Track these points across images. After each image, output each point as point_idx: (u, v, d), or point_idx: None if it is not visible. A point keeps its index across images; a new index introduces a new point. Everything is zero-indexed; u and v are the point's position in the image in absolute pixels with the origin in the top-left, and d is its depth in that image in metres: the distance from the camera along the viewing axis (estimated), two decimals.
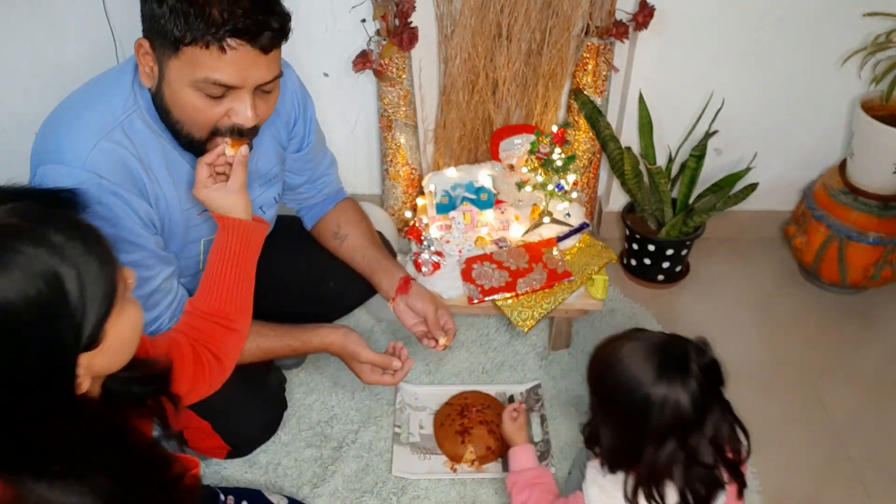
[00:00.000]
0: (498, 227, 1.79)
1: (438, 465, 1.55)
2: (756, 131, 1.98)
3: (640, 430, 1.08)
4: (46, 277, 0.68)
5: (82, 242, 0.72)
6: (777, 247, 2.17)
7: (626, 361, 1.09)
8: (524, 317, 1.63)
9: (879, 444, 1.63)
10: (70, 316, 0.70)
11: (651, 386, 1.05)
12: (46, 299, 0.68)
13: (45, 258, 0.68)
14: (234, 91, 1.07)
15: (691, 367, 1.06)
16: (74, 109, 1.14)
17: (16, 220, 0.69)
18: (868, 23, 1.79)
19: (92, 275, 0.72)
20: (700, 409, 1.06)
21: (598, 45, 1.83)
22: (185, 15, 1.00)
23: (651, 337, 1.13)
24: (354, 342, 1.41)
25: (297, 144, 1.42)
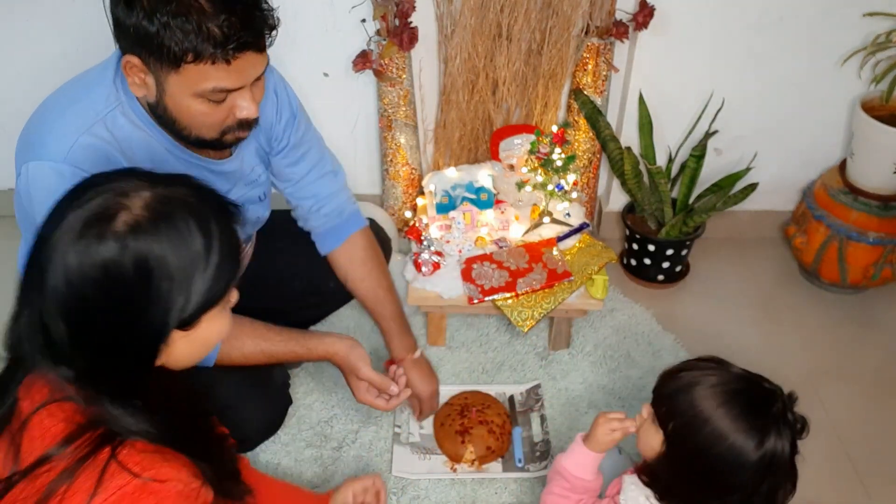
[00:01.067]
0: (498, 227, 1.79)
1: (438, 465, 1.55)
2: (756, 131, 1.98)
3: (721, 487, 1.04)
4: (193, 254, 0.80)
5: (228, 243, 0.85)
6: (777, 247, 2.17)
7: (714, 411, 1.02)
8: (524, 317, 1.63)
9: (879, 444, 1.63)
10: (189, 290, 0.81)
11: (751, 452, 1.00)
12: (182, 269, 0.80)
13: (200, 239, 0.81)
14: (236, 90, 1.09)
15: (787, 419, 1.02)
16: (56, 107, 1.14)
17: (196, 203, 0.83)
18: (868, 23, 1.79)
19: (221, 269, 0.83)
20: (788, 465, 1.02)
21: (598, 45, 1.83)
22: (183, 32, 0.99)
23: (735, 378, 1.07)
24: (358, 356, 1.41)
25: (283, 142, 1.40)
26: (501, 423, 1.58)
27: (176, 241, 0.79)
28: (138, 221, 0.78)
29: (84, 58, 1.87)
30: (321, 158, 1.46)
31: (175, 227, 0.79)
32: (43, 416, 0.82)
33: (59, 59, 1.91)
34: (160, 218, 0.79)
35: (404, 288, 1.74)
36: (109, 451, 0.80)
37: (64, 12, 1.83)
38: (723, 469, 1.03)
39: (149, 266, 0.78)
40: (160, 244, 0.78)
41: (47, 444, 0.81)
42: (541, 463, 1.54)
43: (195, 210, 0.82)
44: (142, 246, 0.78)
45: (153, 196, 0.80)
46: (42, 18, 1.85)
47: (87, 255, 0.77)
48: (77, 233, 0.77)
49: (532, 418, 1.64)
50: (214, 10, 0.99)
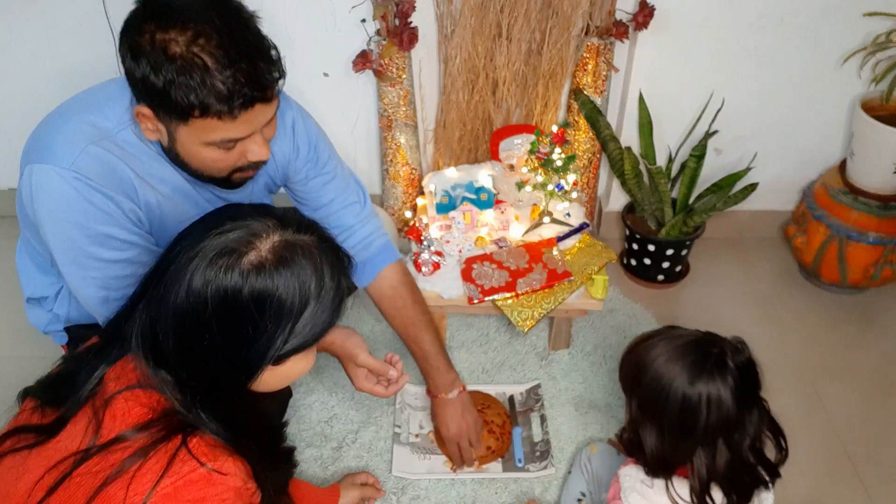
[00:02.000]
0: (498, 227, 1.79)
1: (438, 465, 1.55)
2: (756, 131, 1.98)
3: (690, 432, 1.06)
4: (303, 298, 0.88)
5: (335, 292, 0.92)
6: (777, 247, 2.17)
7: (664, 362, 1.07)
8: (524, 317, 1.63)
9: (879, 444, 1.63)
10: (290, 331, 0.89)
11: (694, 386, 1.04)
12: (290, 310, 0.88)
13: (312, 286, 0.89)
14: (246, 137, 1.10)
15: (728, 364, 1.05)
16: (70, 114, 1.14)
17: (316, 252, 0.91)
18: (868, 23, 1.79)
19: (322, 317, 0.91)
20: (741, 407, 1.05)
21: (598, 45, 1.83)
22: (187, 89, 0.99)
23: (685, 335, 1.11)
24: (355, 343, 1.40)
25: (301, 175, 1.38)
26: (501, 423, 1.58)
27: (292, 285, 0.87)
28: (263, 263, 0.86)
29: (84, 58, 1.88)
30: (345, 188, 1.43)
31: (294, 272, 0.87)
32: (127, 397, 0.89)
33: (59, 61, 1.91)
34: (283, 263, 0.87)
35: None
36: (181, 438, 0.87)
37: (64, 13, 1.83)
38: (669, 413, 1.06)
39: (263, 302, 0.86)
40: (277, 286, 0.86)
41: (127, 424, 0.87)
42: (541, 463, 1.54)
43: (315, 259, 0.89)
44: (261, 284, 0.86)
45: (281, 241, 0.89)
46: (42, 19, 1.85)
47: (213, 281, 0.85)
48: (209, 260, 0.86)
49: (532, 418, 1.64)
50: (219, 66, 0.99)
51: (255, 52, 1.02)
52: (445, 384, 1.49)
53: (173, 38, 0.98)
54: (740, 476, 1.08)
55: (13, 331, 1.84)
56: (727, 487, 1.08)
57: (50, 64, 1.92)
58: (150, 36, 0.98)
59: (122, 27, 1.02)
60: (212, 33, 0.99)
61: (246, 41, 1.02)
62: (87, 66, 1.89)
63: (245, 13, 1.04)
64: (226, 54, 0.99)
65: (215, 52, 0.98)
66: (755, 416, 1.07)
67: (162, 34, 0.98)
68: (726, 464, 1.07)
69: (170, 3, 1.00)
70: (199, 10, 1.00)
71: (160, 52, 0.98)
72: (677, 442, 1.07)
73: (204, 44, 0.98)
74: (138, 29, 0.99)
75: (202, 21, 0.99)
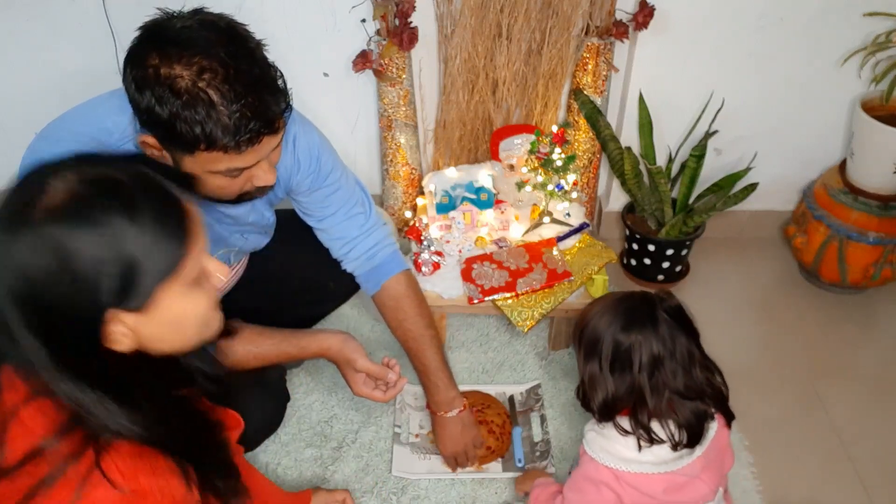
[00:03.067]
0: (498, 227, 1.79)
1: (438, 465, 1.55)
2: (756, 131, 1.98)
3: (627, 375, 1.16)
4: (112, 234, 0.76)
5: (163, 216, 0.80)
6: (777, 247, 2.17)
7: (600, 316, 1.19)
8: (524, 317, 1.63)
9: (879, 444, 1.63)
10: (118, 272, 0.77)
11: (625, 333, 1.15)
12: (102, 251, 0.76)
13: (121, 218, 0.77)
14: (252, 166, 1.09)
15: (658, 311, 1.17)
16: (74, 125, 1.13)
17: (124, 179, 0.79)
18: (868, 23, 1.79)
19: (155, 245, 0.79)
20: (672, 344, 1.15)
21: (598, 45, 1.83)
22: (193, 123, 0.97)
23: (618, 293, 1.25)
24: (352, 349, 1.40)
25: (304, 187, 1.38)
26: (501, 423, 1.58)
27: (91, 222, 0.76)
28: (54, 207, 0.76)
29: (84, 58, 1.88)
30: (348, 199, 1.43)
31: (91, 208, 0.76)
32: (26, 411, 0.80)
33: (59, 61, 1.91)
34: (77, 200, 0.76)
35: None
36: (93, 454, 0.78)
37: (64, 13, 1.83)
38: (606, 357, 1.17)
39: (64, 251, 0.75)
40: (74, 228, 0.76)
41: (30, 442, 0.79)
42: (541, 463, 1.54)
43: (120, 187, 0.78)
44: (54, 232, 0.75)
45: (77, 178, 0.78)
46: (42, 19, 1.85)
47: (9, 246, 0.76)
48: (3, 224, 0.77)
49: (532, 418, 1.64)
50: (224, 101, 0.97)
51: (261, 85, 1.01)
52: (445, 402, 1.49)
53: (178, 74, 0.96)
54: (683, 407, 1.16)
55: None
56: (676, 420, 1.16)
57: (50, 64, 1.92)
58: (155, 70, 0.96)
59: (126, 56, 1.00)
60: (217, 67, 0.97)
61: (252, 74, 1.00)
62: (87, 67, 1.89)
63: (251, 42, 1.02)
64: (231, 89, 0.97)
65: (221, 86, 0.97)
66: (683, 350, 1.17)
67: (167, 68, 0.96)
68: (667, 397, 1.15)
69: (175, 36, 0.98)
70: (204, 42, 0.98)
71: (165, 86, 0.96)
72: (617, 381, 1.17)
73: (210, 79, 0.96)
74: (143, 62, 0.97)
75: (207, 54, 0.97)
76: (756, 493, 1.51)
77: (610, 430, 1.19)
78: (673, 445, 1.15)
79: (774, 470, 1.56)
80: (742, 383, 1.74)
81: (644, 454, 1.16)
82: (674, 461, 1.16)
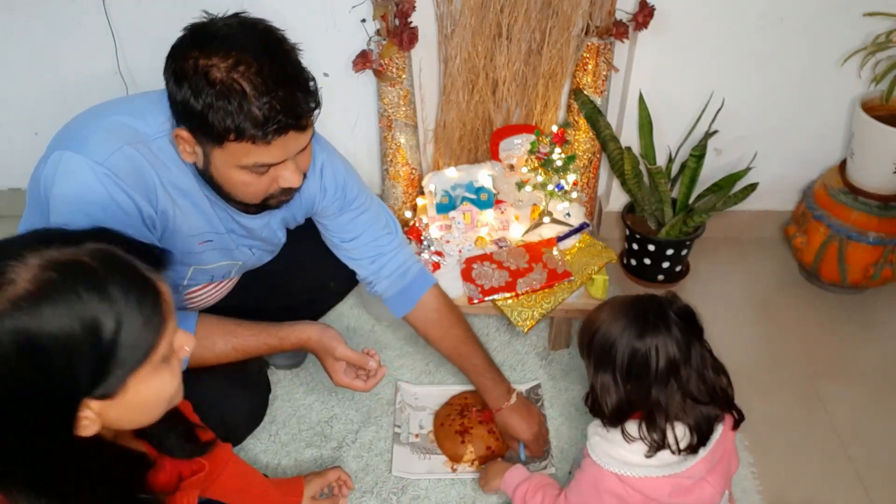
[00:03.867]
0: (498, 227, 1.79)
1: (438, 465, 1.55)
2: (756, 131, 1.98)
3: (643, 381, 1.14)
4: (85, 323, 0.73)
5: (138, 301, 0.77)
6: (777, 247, 2.17)
7: (610, 322, 1.17)
8: (524, 317, 1.63)
9: (879, 444, 1.63)
10: (92, 361, 0.75)
11: (640, 339, 1.13)
12: (75, 342, 0.73)
13: (93, 305, 0.73)
14: (279, 163, 1.12)
15: (669, 314, 1.15)
16: (110, 113, 1.16)
17: (92, 263, 0.75)
18: (868, 23, 1.79)
19: (130, 332, 0.76)
20: (686, 348, 1.14)
21: (598, 44, 1.83)
22: (225, 113, 1.02)
23: (626, 298, 1.21)
24: (331, 336, 1.39)
25: (329, 211, 1.41)
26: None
27: (62, 312, 0.72)
28: (19, 296, 0.71)
29: (84, 58, 1.88)
30: (375, 221, 1.46)
31: (59, 297, 0.72)
32: None
33: (59, 61, 1.91)
34: (43, 289, 0.72)
35: None
36: None
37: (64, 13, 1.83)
38: (621, 364, 1.15)
39: (31, 344, 0.71)
40: (41, 319, 0.71)
41: None
42: (541, 463, 1.54)
43: (88, 272, 0.74)
44: (19, 324, 0.71)
45: (42, 263, 0.73)
46: (42, 19, 1.85)
47: None
48: None
49: None
50: (256, 92, 1.02)
51: (292, 81, 1.06)
52: (503, 394, 1.51)
53: (215, 64, 1.01)
54: (695, 410, 1.15)
55: None
56: (687, 422, 1.16)
57: (50, 64, 1.92)
58: (194, 62, 1.02)
59: (169, 52, 1.06)
60: (252, 61, 1.02)
61: (285, 71, 1.05)
62: (87, 67, 1.89)
63: (287, 45, 1.09)
64: (264, 82, 1.02)
65: (254, 79, 1.02)
66: (700, 356, 1.16)
67: (205, 60, 1.02)
68: (680, 401, 1.15)
69: (216, 32, 1.04)
70: (243, 40, 1.04)
71: (202, 76, 1.02)
72: (632, 388, 1.16)
73: (244, 70, 1.02)
74: (184, 55, 1.03)
75: (245, 49, 1.03)
76: (756, 493, 1.51)
77: (615, 435, 1.19)
78: (681, 449, 1.15)
79: (774, 470, 1.56)
80: (742, 383, 1.73)
81: (649, 458, 1.16)
82: (678, 463, 1.16)
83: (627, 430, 1.17)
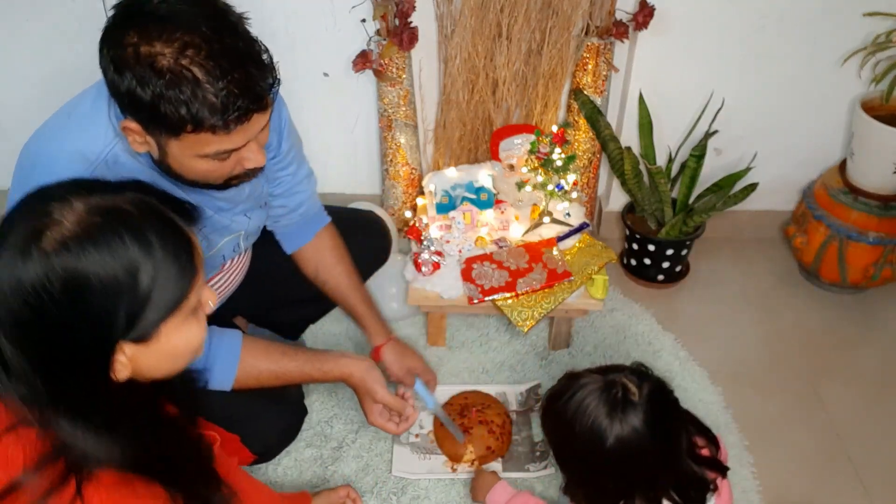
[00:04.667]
0: (498, 227, 1.79)
1: (438, 465, 1.55)
2: (756, 131, 1.98)
3: (628, 475, 1.08)
4: (127, 267, 0.77)
5: (173, 249, 0.80)
6: (777, 247, 2.17)
7: (574, 412, 1.07)
8: (524, 317, 1.63)
9: (879, 444, 1.63)
10: (130, 304, 0.78)
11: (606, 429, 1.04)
12: (117, 284, 0.76)
13: (134, 250, 0.77)
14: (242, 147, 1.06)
15: (638, 401, 1.05)
16: (53, 152, 1.09)
17: (133, 210, 0.79)
18: (868, 23, 1.79)
19: (166, 279, 0.79)
20: (665, 432, 1.06)
21: (598, 44, 1.83)
22: (178, 103, 0.93)
23: (589, 384, 1.09)
24: (374, 379, 1.40)
25: (272, 153, 1.34)
26: (501, 423, 1.58)
27: (106, 255, 0.75)
28: (65, 237, 0.75)
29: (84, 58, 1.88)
30: (302, 160, 1.43)
31: (105, 240, 0.76)
32: (8, 440, 0.79)
33: (59, 61, 1.91)
34: (89, 231, 0.75)
35: (404, 288, 1.74)
36: (74, 487, 0.76)
37: (64, 13, 1.83)
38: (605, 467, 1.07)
39: (77, 284, 0.75)
40: (88, 260, 0.75)
41: (9, 474, 0.77)
42: (540, 463, 1.54)
43: (131, 219, 0.78)
44: (68, 263, 0.74)
45: (86, 208, 0.77)
46: (42, 19, 1.85)
47: (17, 274, 0.74)
48: (9, 252, 0.75)
49: (532, 418, 1.64)
50: (210, 78, 0.92)
51: (247, 59, 0.96)
52: (387, 329, 1.56)
53: (159, 52, 0.91)
54: (688, 485, 1.10)
55: None
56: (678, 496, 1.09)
57: (50, 64, 1.92)
58: (134, 49, 0.92)
59: (102, 36, 0.95)
60: (200, 43, 0.92)
61: (236, 48, 0.95)
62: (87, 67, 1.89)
63: (233, 16, 0.98)
64: (216, 65, 0.92)
65: (205, 63, 0.92)
66: (680, 435, 1.09)
67: (147, 46, 0.91)
68: (660, 489, 1.08)
69: (152, 11, 0.93)
70: (184, 17, 0.93)
71: (146, 65, 0.91)
72: (604, 479, 1.09)
73: (193, 55, 0.92)
74: (120, 41, 0.93)
75: (189, 29, 0.92)
76: (756, 493, 1.51)
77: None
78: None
79: (774, 470, 1.56)
80: (742, 383, 1.75)
81: None
82: None
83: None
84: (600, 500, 1.13)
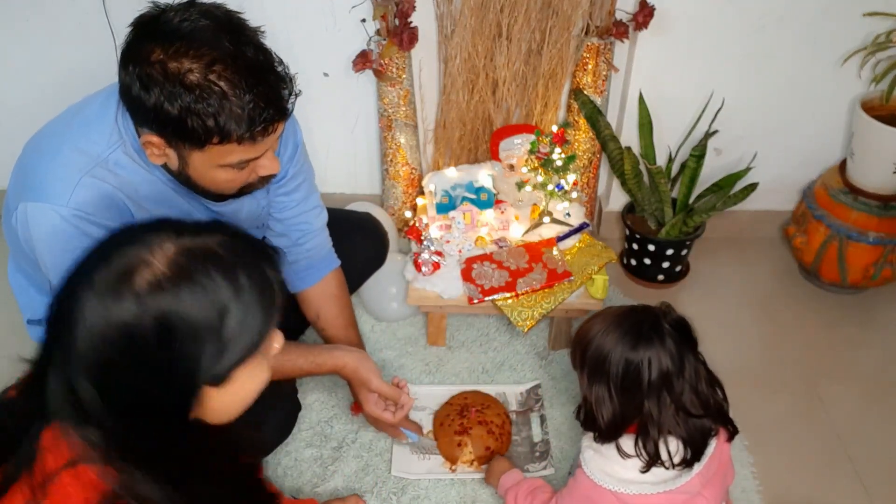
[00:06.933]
0: (498, 227, 1.79)
1: (438, 465, 1.55)
2: (756, 131, 1.98)
3: (636, 394, 1.13)
4: (218, 308, 0.76)
5: (259, 293, 0.80)
6: (777, 247, 2.17)
7: (604, 334, 1.16)
8: (524, 317, 1.63)
9: (879, 444, 1.63)
10: (216, 346, 0.77)
11: (634, 351, 1.13)
12: (207, 325, 0.76)
13: (225, 292, 0.77)
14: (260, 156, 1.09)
15: (663, 325, 1.14)
16: (55, 146, 1.11)
17: (223, 253, 0.79)
18: (868, 23, 1.79)
19: (251, 322, 0.79)
20: (680, 360, 1.13)
21: (598, 44, 1.83)
22: (205, 116, 0.97)
23: (620, 309, 1.21)
24: (368, 368, 1.40)
25: (282, 174, 1.35)
26: (501, 423, 1.58)
27: (199, 297, 0.75)
28: (158, 279, 0.74)
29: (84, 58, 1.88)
30: (312, 192, 1.44)
31: (197, 282, 0.75)
32: (66, 477, 0.77)
33: (59, 61, 1.92)
34: (182, 273, 0.75)
35: (404, 288, 1.74)
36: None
37: (64, 13, 1.83)
38: (615, 376, 1.14)
39: (170, 325, 0.74)
40: (181, 302, 0.74)
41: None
42: (540, 463, 1.54)
43: (221, 261, 0.78)
44: (161, 304, 0.74)
45: (177, 249, 0.76)
46: (42, 19, 1.85)
47: (107, 316, 0.74)
48: (98, 293, 0.74)
49: (532, 418, 1.64)
50: (237, 91, 0.97)
51: (268, 71, 1.01)
52: None
53: (188, 68, 0.95)
54: (690, 425, 1.14)
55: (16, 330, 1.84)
56: (680, 436, 1.14)
57: (50, 65, 1.92)
58: (161, 66, 0.95)
59: (124, 53, 0.98)
60: (225, 58, 0.96)
61: (258, 62, 1.00)
62: (87, 67, 1.89)
63: (250, 30, 1.02)
64: (242, 79, 0.97)
65: (232, 77, 0.96)
66: (694, 368, 1.15)
67: (175, 63, 0.95)
68: (673, 414, 1.14)
69: (175, 28, 0.96)
70: (207, 34, 0.97)
71: (175, 82, 0.95)
72: (626, 400, 1.14)
73: (220, 70, 0.96)
74: (146, 58, 0.96)
75: (213, 46, 0.96)
76: (756, 493, 1.51)
77: (610, 450, 1.17)
78: (675, 464, 1.14)
79: (774, 470, 1.56)
80: (742, 383, 1.74)
81: (644, 474, 1.15)
82: (673, 479, 1.15)
83: (623, 446, 1.16)
84: (615, 424, 1.15)
